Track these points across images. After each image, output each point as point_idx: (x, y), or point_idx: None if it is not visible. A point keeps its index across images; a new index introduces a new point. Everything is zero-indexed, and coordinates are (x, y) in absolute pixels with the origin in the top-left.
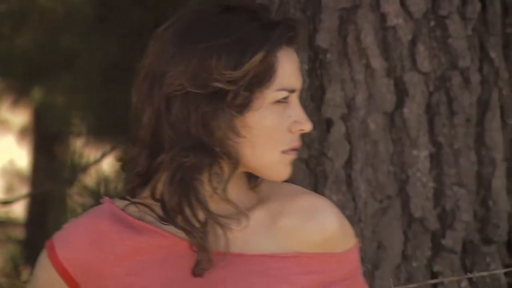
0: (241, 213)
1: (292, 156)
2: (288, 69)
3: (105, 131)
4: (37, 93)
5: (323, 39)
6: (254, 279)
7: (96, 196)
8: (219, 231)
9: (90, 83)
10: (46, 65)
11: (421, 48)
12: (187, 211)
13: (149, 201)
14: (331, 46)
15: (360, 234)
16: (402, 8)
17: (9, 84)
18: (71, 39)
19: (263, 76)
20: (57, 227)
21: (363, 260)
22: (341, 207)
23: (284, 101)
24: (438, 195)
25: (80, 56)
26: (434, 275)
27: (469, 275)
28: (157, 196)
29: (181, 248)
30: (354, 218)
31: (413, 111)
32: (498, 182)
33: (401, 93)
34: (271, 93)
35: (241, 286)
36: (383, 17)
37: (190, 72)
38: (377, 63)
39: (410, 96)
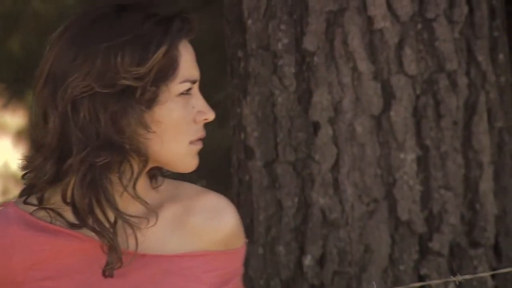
0: (151, 212)
1: (199, 146)
2: (189, 61)
3: None
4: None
5: (310, 42)
6: (170, 279)
7: None
8: (130, 231)
9: None
10: (37, 68)
11: (408, 51)
12: (98, 212)
13: (58, 206)
14: (318, 49)
15: (347, 237)
16: (389, 11)
17: (0, 86)
18: None
19: (168, 70)
20: None
21: (350, 263)
22: (328, 210)
23: (187, 93)
24: (425, 198)
25: None
26: (421, 278)
27: (456, 278)
28: (68, 200)
29: (99, 250)
30: (341, 221)
31: (400, 114)
32: (485, 185)
33: (388, 96)
34: (176, 86)
35: (158, 286)
36: (370, 20)
37: (95, 72)
38: (364, 66)
39: (397, 99)
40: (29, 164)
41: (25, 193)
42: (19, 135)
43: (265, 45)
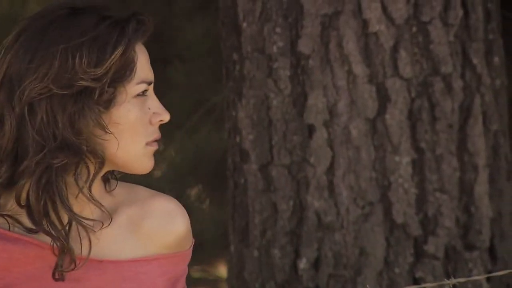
0: (105, 215)
1: (154, 147)
2: (144, 62)
3: None
4: None
5: (305, 45)
6: (127, 285)
7: None
8: (84, 235)
9: None
10: None
11: (403, 54)
12: (52, 214)
13: (15, 212)
14: (313, 52)
15: (342, 241)
16: (384, 14)
17: None
18: None
19: (125, 71)
20: None
21: (345, 266)
22: (323, 213)
23: (143, 94)
24: (420, 201)
25: None
26: (416, 281)
27: (451, 281)
28: (22, 203)
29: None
30: (336, 225)
31: (395, 117)
32: (481, 188)
33: (383, 99)
34: (133, 87)
35: None
36: (365, 23)
37: (53, 74)
38: (359, 69)
39: (392, 102)
40: None
41: None
42: None
43: (260, 48)
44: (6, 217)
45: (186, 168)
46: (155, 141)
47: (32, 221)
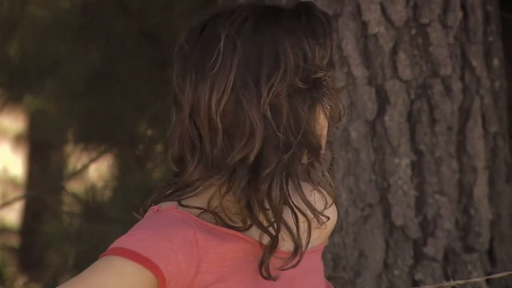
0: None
1: None
2: None
3: (90, 138)
4: (29, 101)
5: None
6: (313, 275)
7: (85, 203)
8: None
9: (73, 90)
10: (33, 73)
11: (402, 56)
12: (269, 209)
13: (220, 210)
14: None
15: (341, 242)
16: (383, 16)
17: None
18: (57, 46)
19: (332, 57)
20: (51, 234)
21: (345, 268)
22: None
23: None
24: (420, 203)
25: (65, 64)
26: (415, 284)
27: (450, 283)
28: (239, 202)
29: (259, 251)
30: (335, 226)
31: (394, 119)
32: (480, 190)
33: (383, 101)
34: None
35: (305, 283)
36: (364, 25)
37: (292, 70)
38: (359, 71)
39: (391, 104)
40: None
41: (166, 196)
42: (18, 139)
43: None
44: (212, 213)
45: None
46: None
47: (250, 216)
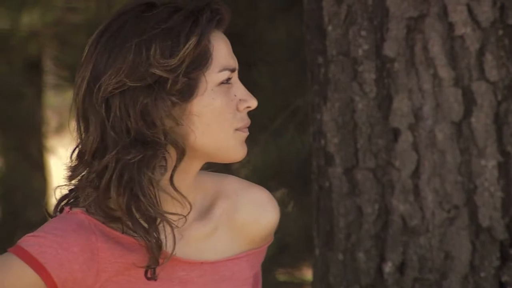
0: (202, 211)
1: (245, 133)
2: (224, 50)
3: None
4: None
5: (390, 48)
6: (225, 285)
7: None
8: (169, 231)
9: None
10: None
11: (489, 57)
12: (136, 211)
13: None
14: (398, 55)
15: (427, 244)
16: (470, 17)
17: None
18: None
19: (200, 61)
20: None
21: (431, 270)
22: (409, 217)
23: (227, 82)
24: (506, 205)
25: None
26: (502, 285)
27: None
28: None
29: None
30: (421, 228)
31: (481, 120)
32: None
33: (469, 102)
34: (214, 76)
35: None
36: (450, 26)
37: (126, 68)
38: (445, 72)
39: (478, 105)
40: (73, 174)
41: (74, 201)
42: None
43: (345, 51)
44: (118, 222)
45: (269, 171)
46: (246, 127)
47: (131, 222)
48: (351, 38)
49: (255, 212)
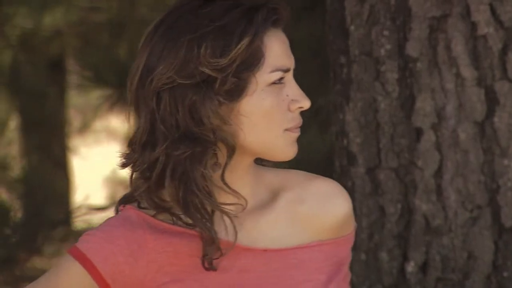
0: (263, 203)
1: (296, 133)
2: (278, 50)
3: None
4: None
5: (413, 48)
6: (292, 272)
7: None
8: (228, 222)
9: None
10: None
11: (511, 57)
12: (193, 204)
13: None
14: (421, 55)
15: (450, 244)
16: (493, 16)
17: (105, 92)
18: None
19: (251, 61)
20: None
21: (453, 269)
22: (431, 216)
23: (279, 82)
24: None
25: None
26: None
27: None
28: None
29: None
30: (444, 228)
31: (503, 120)
32: None
33: (492, 102)
34: (265, 76)
35: (282, 281)
36: (473, 26)
37: (178, 63)
38: (468, 72)
39: (500, 105)
40: (127, 162)
41: (129, 196)
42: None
43: (368, 51)
44: (168, 212)
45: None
46: (297, 127)
47: (183, 212)
48: (373, 38)
49: (318, 204)
